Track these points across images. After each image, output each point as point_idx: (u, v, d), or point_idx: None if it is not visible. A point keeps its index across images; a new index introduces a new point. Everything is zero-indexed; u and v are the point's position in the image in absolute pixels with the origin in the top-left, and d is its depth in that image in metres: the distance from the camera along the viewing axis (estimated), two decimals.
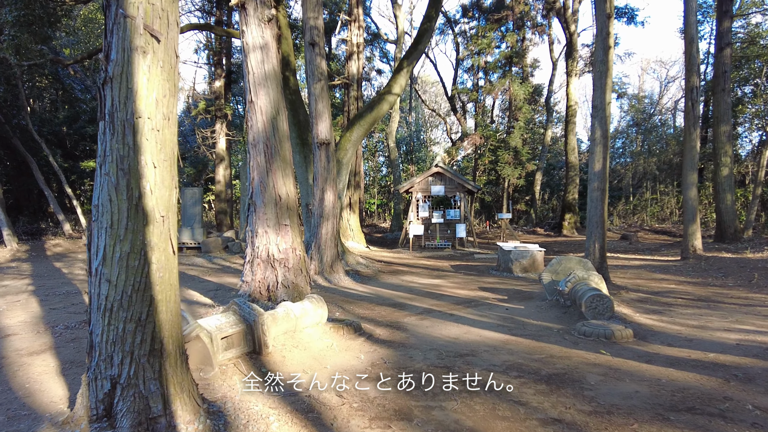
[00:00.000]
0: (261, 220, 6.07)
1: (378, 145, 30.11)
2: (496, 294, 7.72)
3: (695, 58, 10.42)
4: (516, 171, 19.16)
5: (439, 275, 9.98)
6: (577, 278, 6.29)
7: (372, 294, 7.81)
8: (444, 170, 16.11)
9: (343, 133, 10.93)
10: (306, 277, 6.36)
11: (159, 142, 2.79)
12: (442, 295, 7.62)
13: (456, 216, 16.31)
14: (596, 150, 7.95)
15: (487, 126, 23.31)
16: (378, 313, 6.32)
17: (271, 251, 6.04)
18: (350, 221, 15.94)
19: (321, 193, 8.91)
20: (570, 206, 20.77)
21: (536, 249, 9.62)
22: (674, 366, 4.17)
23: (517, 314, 6.24)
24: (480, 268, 10.93)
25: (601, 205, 7.96)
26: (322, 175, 8.90)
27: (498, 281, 9.03)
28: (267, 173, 6.08)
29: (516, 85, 19.88)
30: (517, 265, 9.52)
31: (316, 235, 8.97)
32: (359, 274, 9.81)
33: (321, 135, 8.83)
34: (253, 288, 6.14)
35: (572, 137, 21.41)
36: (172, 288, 2.80)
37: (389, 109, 11.04)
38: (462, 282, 9.00)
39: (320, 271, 8.88)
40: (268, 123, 6.09)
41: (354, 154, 11.04)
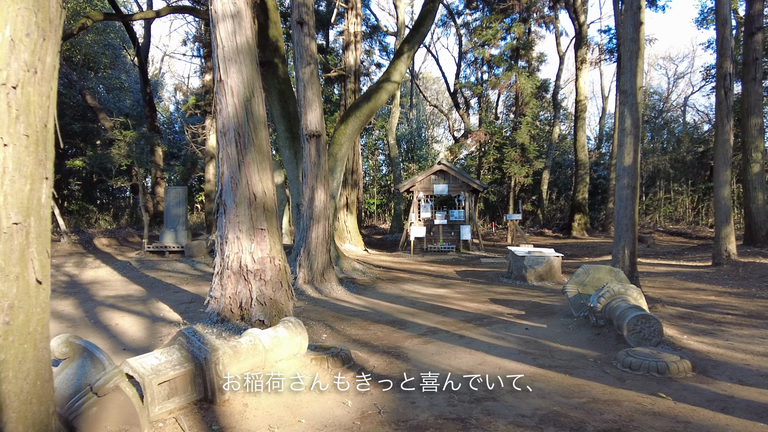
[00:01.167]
0: (232, 224, 5.05)
1: (378, 143, 29.07)
2: (510, 308, 6.67)
3: (728, 41, 9.37)
4: (523, 169, 18.12)
5: (443, 284, 8.94)
6: (612, 293, 5.24)
7: (368, 308, 6.77)
8: (447, 168, 15.07)
9: (338, 126, 9.91)
10: (287, 292, 5.32)
11: (16, 105, 1.76)
12: (448, 310, 6.57)
13: (460, 217, 15.27)
14: (626, 141, 6.90)
15: (492, 122, 22.27)
16: (374, 334, 5.29)
17: (243, 261, 5.01)
18: (347, 222, 14.91)
19: (311, 191, 7.88)
20: (579, 206, 19.71)
21: (553, 254, 8.58)
22: (765, 419, 3.12)
23: (540, 335, 5.19)
24: (488, 275, 9.88)
25: (631, 205, 6.92)
26: (311, 172, 7.87)
27: (511, 291, 7.99)
28: (239, 167, 5.05)
29: (523, 78, 18.84)
30: (532, 272, 8.48)
31: (305, 239, 7.94)
32: (355, 282, 8.78)
33: (310, 126, 7.80)
34: (222, 305, 5.11)
35: (581, 134, 20.36)
36: (31, 339, 1.76)
37: (388, 98, 10.01)
38: (470, 292, 7.96)
39: (310, 280, 7.85)
40: (240, 106, 5.06)
41: (350, 149, 10.02)
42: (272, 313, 5.09)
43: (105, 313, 6.39)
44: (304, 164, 7.93)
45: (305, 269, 7.88)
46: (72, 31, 9.92)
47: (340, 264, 9.81)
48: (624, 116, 6.96)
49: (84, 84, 20.41)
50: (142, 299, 7.33)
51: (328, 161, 9.93)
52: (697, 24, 19.13)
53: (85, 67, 24.83)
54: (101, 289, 8.21)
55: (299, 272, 7.91)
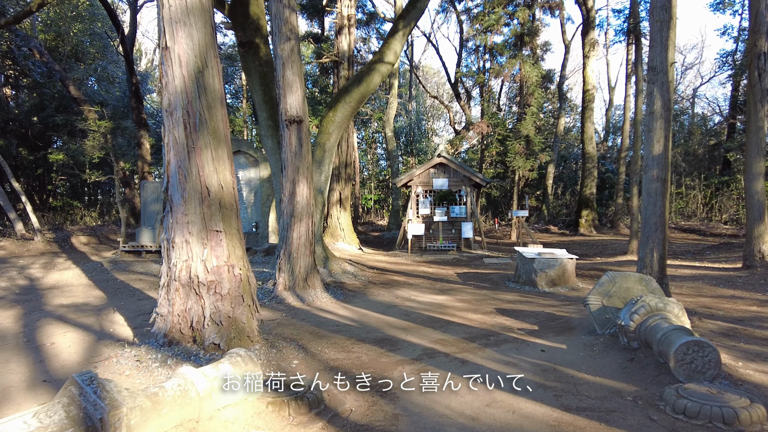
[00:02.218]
0: (180, 225, 4.08)
1: (376, 136, 28.04)
2: (521, 321, 5.72)
3: (763, 16, 8.34)
4: (528, 162, 17.11)
5: (443, 289, 7.98)
6: (648, 309, 4.28)
7: (354, 320, 5.82)
8: (448, 161, 14.08)
9: (325, 113, 8.92)
10: (251, 308, 4.37)
11: None
12: (448, 324, 5.62)
13: (461, 213, 14.29)
14: (655, 126, 5.91)
15: (495, 114, 21.24)
16: (357, 359, 4.33)
17: (194, 271, 4.05)
18: (341, 219, 13.95)
19: (291, 185, 6.91)
20: (587, 202, 18.72)
21: (566, 256, 7.62)
22: None
23: (560, 360, 4.24)
24: (493, 278, 8.92)
25: (661, 201, 5.94)
26: (292, 163, 6.89)
27: (519, 299, 7.03)
28: (188, 154, 4.08)
29: (528, 66, 17.78)
30: (543, 277, 7.51)
31: (285, 239, 6.97)
32: (343, 287, 7.83)
33: (290, 110, 6.81)
34: (170, 324, 4.16)
35: (589, 125, 19.34)
36: None
37: (381, 81, 9.00)
38: (473, 300, 7.00)
39: (291, 286, 6.90)
40: (190, 79, 4.08)
41: (339, 139, 9.03)
42: (230, 334, 4.14)
43: (47, 328, 5.45)
44: (283, 154, 6.96)
45: (285, 274, 6.93)
46: (31, 8, 8.92)
47: (328, 266, 8.86)
48: (653, 97, 5.96)
49: (68, 75, 19.39)
50: (98, 309, 6.39)
51: (315, 152, 8.96)
52: (713, 8, 18.03)
53: (72, 58, 23.88)
54: (57, 296, 7.27)
55: (279, 277, 6.96)
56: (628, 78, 19.10)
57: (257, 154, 11.21)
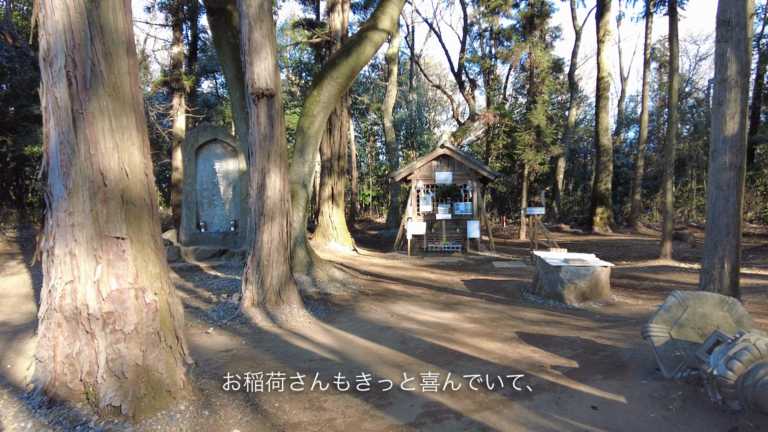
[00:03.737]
0: (62, 229, 2.73)
1: (375, 128, 26.62)
2: (553, 353, 4.36)
3: None
4: (539, 155, 15.71)
5: (448, 302, 6.63)
6: (756, 353, 2.92)
7: (335, 351, 4.48)
8: (452, 152, 12.70)
9: (309, 92, 7.55)
10: (174, 351, 3.02)
11: None
12: (458, 357, 4.27)
13: (467, 210, 12.93)
14: (728, 98, 4.53)
15: (502, 104, 19.83)
16: (329, 423, 2.99)
17: (82, 297, 2.71)
18: (333, 217, 12.60)
19: (260, 176, 5.55)
20: (602, 198, 17.33)
21: (599, 264, 6.25)
22: None
23: (623, 426, 2.89)
24: (507, 288, 7.56)
25: (735, 196, 4.58)
26: (261, 148, 5.53)
27: (544, 317, 5.67)
28: (74, 123, 2.73)
29: (539, 51, 16.35)
30: (572, 289, 6.15)
31: (253, 243, 5.62)
32: (328, 301, 6.48)
33: (258, 81, 5.44)
34: (51, 375, 2.82)
35: (604, 115, 17.92)
36: None
37: (374, 53, 7.62)
38: (487, 319, 5.65)
39: (260, 302, 5.55)
40: (78, 12, 2.72)
41: (325, 122, 7.66)
42: (139, 390, 2.79)
43: None
44: (250, 137, 5.60)
45: (253, 286, 5.58)
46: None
47: (312, 273, 7.51)
48: (725, 60, 4.57)
49: None
50: (14, 332, 5.07)
51: (297, 139, 7.60)
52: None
53: None
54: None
55: (245, 291, 5.62)
56: (647, 64, 17.67)
57: (236, 143, 9.85)
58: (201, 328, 5.25)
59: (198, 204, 10.24)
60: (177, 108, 15.43)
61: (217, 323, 5.38)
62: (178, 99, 15.43)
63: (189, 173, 10.12)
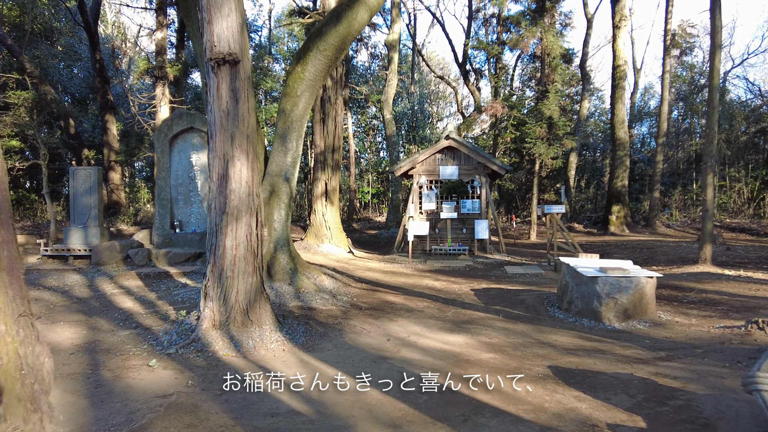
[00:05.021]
0: None
1: (375, 123, 25.43)
2: (604, 401, 3.20)
3: None
4: (551, 149, 14.51)
5: (458, 320, 5.46)
6: None
7: (308, 402, 3.32)
8: (459, 144, 11.53)
9: (292, 67, 6.39)
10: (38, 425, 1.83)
11: None
12: (476, 409, 3.11)
13: (474, 209, 11.75)
14: None
15: (509, 95, 18.64)
16: None
17: None
18: (327, 216, 11.44)
19: (221, 164, 4.39)
20: (618, 195, 16.11)
21: (643, 274, 5.08)
22: None
23: None
24: (527, 300, 6.38)
25: None
26: (222, 129, 4.37)
27: (581, 343, 4.50)
28: None
29: (551, 36, 15.14)
30: (611, 305, 4.98)
31: (213, 249, 4.47)
32: (311, 318, 5.33)
33: (219, 44, 4.28)
34: None
35: (620, 107, 16.69)
36: None
37: (368, 20, 6.43)
38: (509, 346, 4.48)
39: (222, 323, 4.40)
40: None
41: (312, 103, 6.49)
42: None
43: None
44: (209, 114, 4.44)
45: (214, 304, 4.43)
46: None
47: (296, 282, 6.35)
48: None
49: (27, 51, 16.88)
50: None
51: (278, 123, 6.45)
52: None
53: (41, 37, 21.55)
54: None
55: (204, 308, 4.47)
56: (667, 50, 16.44)
57: None
58: (144, 357, 4.11)
59: (172, 201, 9.09)
60: (160, 98, 14.28)
61: (165, 351, 4.24)
62: (162, 88, 14.28)
63: (162, 166, 8.97)
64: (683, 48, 15.98)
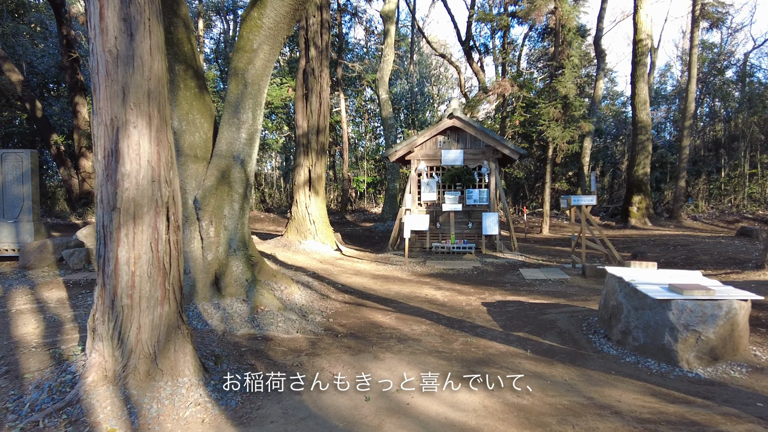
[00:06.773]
0: None
1: (371, 107, 23.70)
2: None
3: None
4: (567, 132, 12.90)
5: (468, 360, 3.94)
6: None
7: None
8: (464, 123, 9.94)
9: (246, 12, 4.81)
10: None
11: None
12: None
13: (482, 199, 10.20)
14: None
15: (518, 74, 16.95)
16: None
17: None
18: (310, 208, 9.89)
19: (110, 134, 2.85)
20: (639, 184, 14.54)
21: (736, 296, 3.55)
22: None
23: None
24: (558, 323, 4.86)
25: None
26: (110, 78, 2.81)
27: (660, 408, 2.98)
28: None
29: (566, 5, 13.42)
30: (692, 341, 3.47)
31: (102, 265, 2.94)
32: (262, 357, 3.81)
33: None
34: None
35: (642, 86, 15.03)
36: None
37: None
38: (549, 411, 2.96)
39: (118, 375, 2.90)
40: None
41: (273, 60, 4.92)
42: None
43: None
44: (91, 59, 2.88)
45: (106, 345, 2.92)
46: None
47: (253, 298, 4.82)
48: None
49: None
50: None
51: (230, 87, 4.89)
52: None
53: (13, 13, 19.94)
54: None
55: (91, 354, 2.96)
56: (695, 22, 14.73)
57: None
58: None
59: None
60: None
61: (23, 421, 2.74)
62: None
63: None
64: (715, 19, 14.30)
